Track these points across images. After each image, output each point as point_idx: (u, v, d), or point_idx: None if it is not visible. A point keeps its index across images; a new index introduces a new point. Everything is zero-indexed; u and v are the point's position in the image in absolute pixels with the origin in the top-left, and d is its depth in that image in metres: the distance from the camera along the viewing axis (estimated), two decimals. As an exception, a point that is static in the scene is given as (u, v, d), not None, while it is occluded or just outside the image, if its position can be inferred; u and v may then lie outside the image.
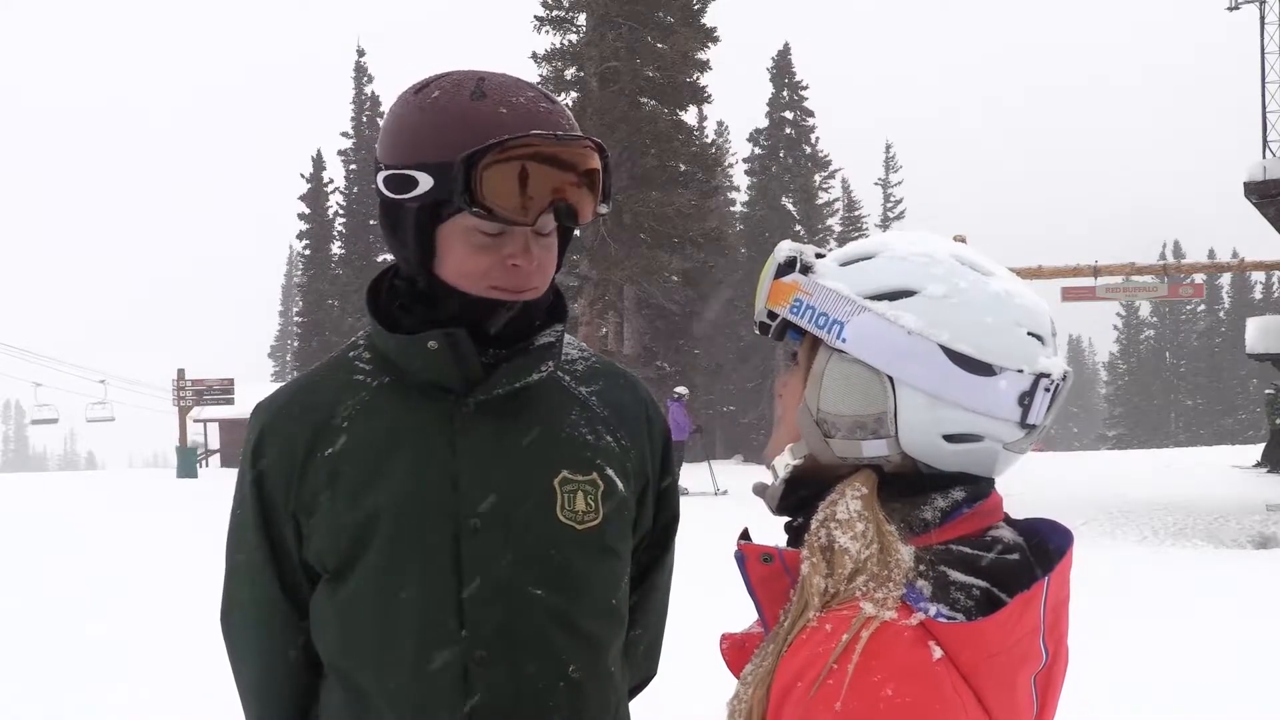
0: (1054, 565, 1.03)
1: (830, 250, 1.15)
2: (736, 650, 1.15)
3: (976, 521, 1.05)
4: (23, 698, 5.41)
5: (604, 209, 1.39)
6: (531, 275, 1.40)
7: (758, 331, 1.16)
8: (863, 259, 1.10)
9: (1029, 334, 1.06)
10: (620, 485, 1.47)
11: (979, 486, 1.07)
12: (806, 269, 1.11)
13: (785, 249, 1.14)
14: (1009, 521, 1.09)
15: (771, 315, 1.13)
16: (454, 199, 1.31)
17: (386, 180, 1.37)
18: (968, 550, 1.02)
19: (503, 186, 1.30)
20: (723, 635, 1.17)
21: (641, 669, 1.66)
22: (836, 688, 0.92)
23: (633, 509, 1.50)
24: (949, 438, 1.04)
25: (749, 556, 1.07)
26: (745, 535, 1.12)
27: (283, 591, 1.46)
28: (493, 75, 1.39)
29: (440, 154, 1.32)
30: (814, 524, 1.04)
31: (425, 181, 1.33)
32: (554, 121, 1.36)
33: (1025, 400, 1.04)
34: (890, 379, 1.04)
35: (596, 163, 1.36)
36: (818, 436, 1.09)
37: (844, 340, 1.06)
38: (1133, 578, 8.95)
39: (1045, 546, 1.08)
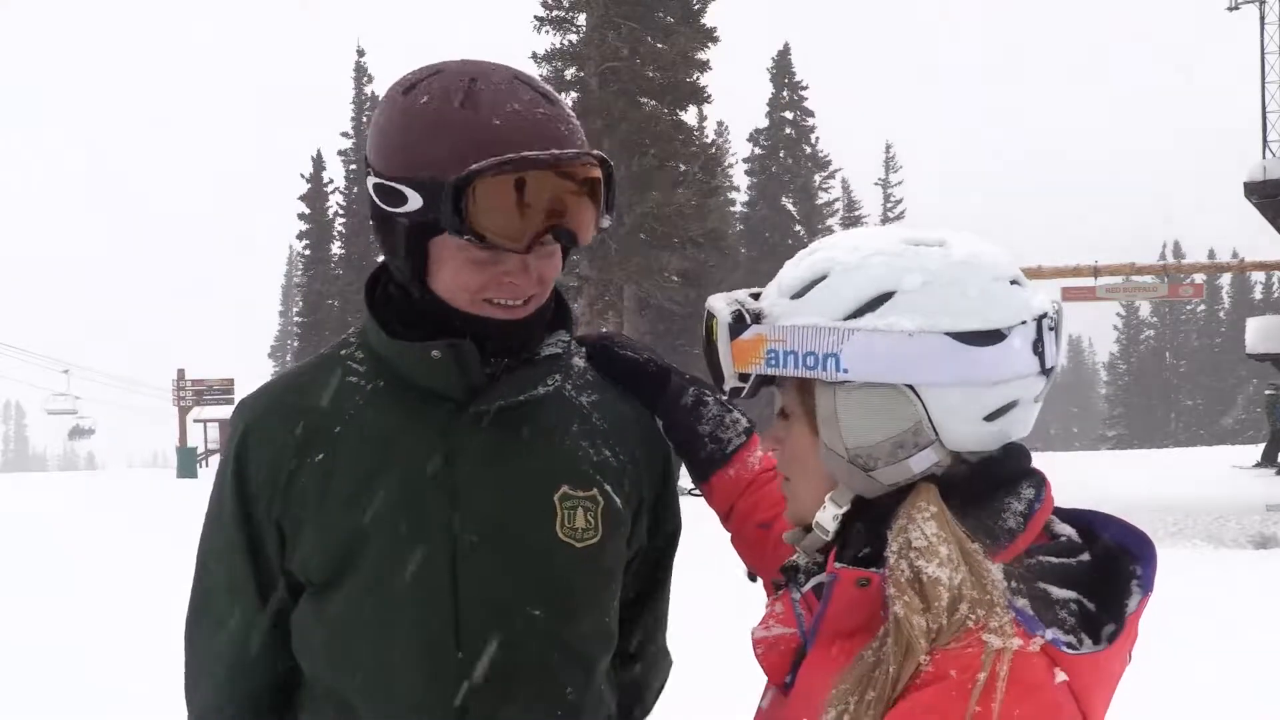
0: (1133, 572, 1.01)
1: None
2: (773, 653, 1.09)
3: (1042, 517, 1.03)
4: (16, 699, 5.40)
5: (606, 222, 1.32)
6: (529, 289, 1.32)
7: (726, 399, 1.10)
8: (814, 282, 1.04)
9: (1011, 283, 1.03)
10: (619, 502, 1.41)
11: (1036, 476, 1.04)
12: (757, 316, 1.05)
13: (723, 308, 1.07)
14: (1055, 511, 1.07)
15: (743, 377, 1.06)
16: (441, 223, 1.23)
17: (377, 189, 1.30)
18: (1054, 560, 0.98)
19: (495, 211, 1.21)
20: (755, 640, 1.11)
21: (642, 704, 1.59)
22: None
23: (628, 526, 1.44)
24: (988, 417, 1.01)
25: (842, 579, 0.99)
26: (839, 557, 1.04)
27: (260, 601, 1.38)
28: (486, 75, 1.29)
29: (428, 171, 1.24)
30: (891, 558, 0.96)
31: (414, 199, 1.25)
32: (552, 129, 1.27)
33: (1039, 348, 1.02)
34: (911, 387, 1.00)
35: (598, 175, 1.28)
36: (858, 475, 1.03)
37: (845, 370, 1.00)
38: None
39: (1101, 541, 1.05)
